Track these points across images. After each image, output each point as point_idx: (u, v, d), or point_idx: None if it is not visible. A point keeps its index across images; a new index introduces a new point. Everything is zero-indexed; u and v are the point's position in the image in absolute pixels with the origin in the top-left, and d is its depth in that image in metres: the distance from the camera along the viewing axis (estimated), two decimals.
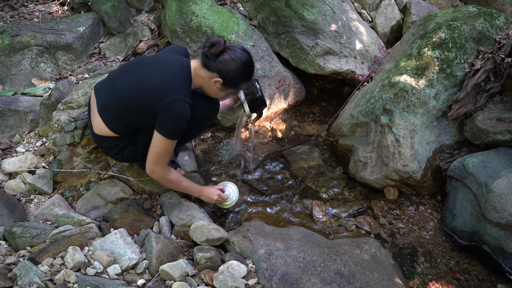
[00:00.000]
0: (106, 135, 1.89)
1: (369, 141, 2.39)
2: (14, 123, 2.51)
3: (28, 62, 2.90)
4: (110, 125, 1.85)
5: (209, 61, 1.76)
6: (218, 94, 1.90)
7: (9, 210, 2.00)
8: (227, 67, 1.75)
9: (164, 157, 1.82)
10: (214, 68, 1.77)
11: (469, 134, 2.24)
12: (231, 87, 1.83)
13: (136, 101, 1.75)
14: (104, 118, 1.85)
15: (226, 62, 1.75)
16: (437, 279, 1.97)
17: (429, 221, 2.26)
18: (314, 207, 2.31)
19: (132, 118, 1.81)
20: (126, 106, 1.78)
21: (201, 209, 2.18)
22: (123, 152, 1.95)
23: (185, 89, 1.76)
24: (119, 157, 1.99)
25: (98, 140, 1.95)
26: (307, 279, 1.71)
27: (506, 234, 1.95)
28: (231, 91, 1.87)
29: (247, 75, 1.82)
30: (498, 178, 1.96)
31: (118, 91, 1.80)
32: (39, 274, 1.55)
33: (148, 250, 1.78)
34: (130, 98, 1.76)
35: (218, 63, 1.75)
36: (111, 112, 1.82)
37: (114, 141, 1.92)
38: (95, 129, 1.91)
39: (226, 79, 1.78)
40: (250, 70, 1.82)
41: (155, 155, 1.81)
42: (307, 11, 2.77)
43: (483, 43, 2.35)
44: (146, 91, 1.73)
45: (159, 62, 1.82)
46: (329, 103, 3.12)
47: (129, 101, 1.77)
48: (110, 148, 1.94)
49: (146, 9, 3.36)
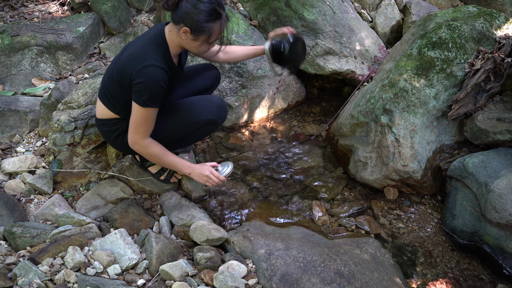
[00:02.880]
0: (107, 117, 1.93)
1: (369, 141, 2.39)
2: (14, 123, 2.51)
3: (28, 62, 2.90)
4: (110, 106, 1.89)
5: (172, 14, 1.69)
6: (193, 45, 1.75)
7: (9, 210, 2.00)
8: (186, 11, 1.64)
9: (141, 127, 1.77)
10: (178, 19, 1.67)
11: (469, 134, 2.24)
12: (200, 32, 1.68)
13: (120, 76, 1.77)
14: (103, 100, 1.90)
15: (184, 6, 1.64)
16: (437, 279, 1.97)
17: (429, 221, 2.26)
18: (314, 207, 2.31)
19: (123, 95, 1.81)
20: (115, 83, 1.81)
21: (201, 209, 2.19)
22: (123, 137, 1.94)
23: (156, 54, 1.70)
24: (119, 143, 1.98)
25: (100, 124, 1.98)
26: (307, 279, 1.71)
27: (506, 234, 1.95)
28: (204, 37, 1.71)
29: (211, 12, 1.65)
30: (498, 178, 1.96)
31: (113, 70, 1.83)
32: (39, 274, 1.55)
33: (148, 250, 1.78)
34: (117, 74, 1.79)
35: (179, 12, 1.65)
36: (109, 92, 1.86)
37: (115, 124, 1.94)
38: (97, 114, 1.97)
39: (191, 25, 1.66)
40: (213, 7, 1.65)
41: (133, 124, 1.77)
42: (307, 11, 2.77)
43: (483, 43, 2.35)
44: (123, 64, 1.75)
45: (141, 37, 1.83)
46: (329, 103, 3.12)
47: (117, 78, 1.79)
48: (111, 131, 1.96)
49: (146, 9, 3.36)
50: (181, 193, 2.32)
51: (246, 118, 2.85)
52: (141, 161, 2.19)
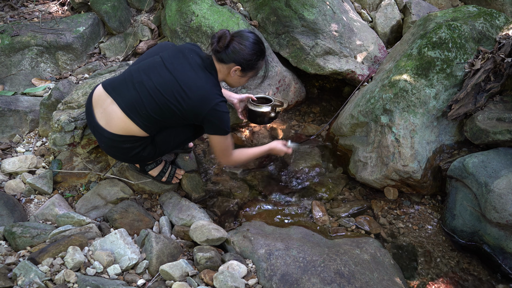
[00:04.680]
0: (132, 134, 1.84)
1: (369, 141, 2.39)
2: (14, 123, 2.51)
3: (28, 62, 2.90)
4: (142, 126, 1.82)
5: (222, 55, 1.83)
6: (241, 81, 1.98)
7: (9, 210, 2.00)
8: (240, 54, 1.83)
9: (228, 150, 1.97)
10: (229, 59, 1.84)
11: (469, 134, 2.24)
12: (250, 69, 1.91)
13: (179, 108, 1.80)
14: (134, 118, 1.80)
15: (238, 49, 1.82)
16: (437, 279, 1.97)
17: (429, 221, 2.26)
18: (314, 207, 2.31)
19: (169, 121, 1.87)
20: (165, 111, 1.80)
21: (201, 209, 2.19)
22: (143, 152, 1.93)
23: (218, 89, 1.87)
24: (136, 158, 1.95)
25: (119, 140, 1.85)
26: (307, 279, 1.71)
27: (506, 234, 1.95)
28: (252, 73, 1.95)
29: (260, 53, 1.89)
30: (498, 178, 1.96)
31: (152, 93, 1.79)
32: (39, 274, 1.55)
33: (148, 250, 1.78)
34: (169, 105, 1.79)
35: (231, 53, 1.82)
36: (147, 114, 1.80)
37: (139, 140, 1.88)
38: (115, 129, 1.83)
39: (243, 65, 1.86)
40: (261, 47, 1.89)
41: (221, 153, 1.98)
42: (307, 11, 2.77)
43: (483, 43, 2.35)
44: (188, 102, 1.78)
45: (186, 68, 1.84)
46: (329, 103, 3.12)
47: (168, 107, 1.79)
48: (132, 148, 1.89)
49: (146, 9, 3.36)
50: (181, 193, 2.32)
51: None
52: (141, 166, 2.20)
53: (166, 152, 2.06)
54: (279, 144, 2.23)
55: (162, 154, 2.04)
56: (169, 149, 2.03)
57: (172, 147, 2.03)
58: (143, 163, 2.15)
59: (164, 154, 2.08)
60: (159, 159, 2.20)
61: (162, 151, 2.00)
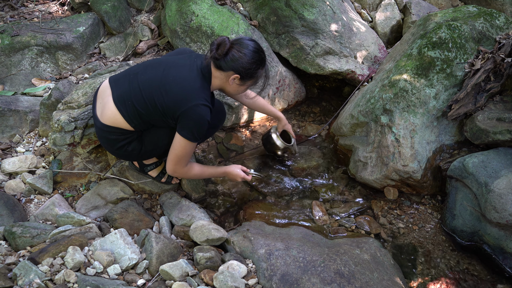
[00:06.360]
0: (118, 126, 1.87)
1: (369, 141, 2.39)
2: (14, 123, 2.51)
3: (28, 62, 2.90)
4: (128, 118, 1.84)
5: (220, 62, 1.79)
6: (239, 89, 1.93)
7: (9, 210, 2.00)
8: (239, 62, 1.78)
9: (184, 158, 1.87)
10: (228, 67, 1.80)
11: (469, 134, 2.24)
12: (249, 78, 1.86)
13: (160, 102, 1.78)
14: (122, 110, 1.83)
15: (237, 57, 1.77)
16: (437, 279, 1.97)
17: (429, 221, 2.26)
18: (314, 207, 2.31)
19: (152, 116, 1.83)
20: (149, 104, 1.80)
21: (201, 209, 2.19)
22: (127, 146, 1.93)
23: (205, 93, 1.81)
24: (121, 152, 1.97)
25: (106, 131, 1.89)
26: (307, 279, 1.71)
27: (506, 234, 1.95)
28: (251, 82, 1.90)
29: (260, 62, 1.85)
30: (498, 178, 1.96)
31: (141, 86, 1.81)
32: (39, 274, 1.55)
33: (148, 250, 1.78)
34: (153, 98, 1.78)
35: (230, 61, 1.78)
36: (133, 106, 1.82)
37: (124, 134, 1.90)
38: (105, 119, 1.87)
39: (242, 73, 1.81)
40: (261, 56, 1.84)
41: (175, 157, 1.86)
42: (307, 11, 2.77)
43: (483, 43, 2.35)
44: (170, 96, 1.76)
45: (182, 66, 1.84)
46: (329, 103, 3.12)
47: (152, 101, 1.79)
48: (117, 140, 1.91)
49: (146, 9, 3.36)
50: (181, 193, 2.32)
51: (246, 118, 2.85)
52: (141, 166, 2.20)
53: (153, 155, 2.05)
54: (236, 169, 2.11)
55: (149, 155, 2.04)
56: (156, 151, 2.01)
57: (160, 150, 2.01)
58: (132, 160, 2.15)
59: (152, 156, 2.07)
60: (158, 161, 2.21)
61: (148, 151, 1.98)
